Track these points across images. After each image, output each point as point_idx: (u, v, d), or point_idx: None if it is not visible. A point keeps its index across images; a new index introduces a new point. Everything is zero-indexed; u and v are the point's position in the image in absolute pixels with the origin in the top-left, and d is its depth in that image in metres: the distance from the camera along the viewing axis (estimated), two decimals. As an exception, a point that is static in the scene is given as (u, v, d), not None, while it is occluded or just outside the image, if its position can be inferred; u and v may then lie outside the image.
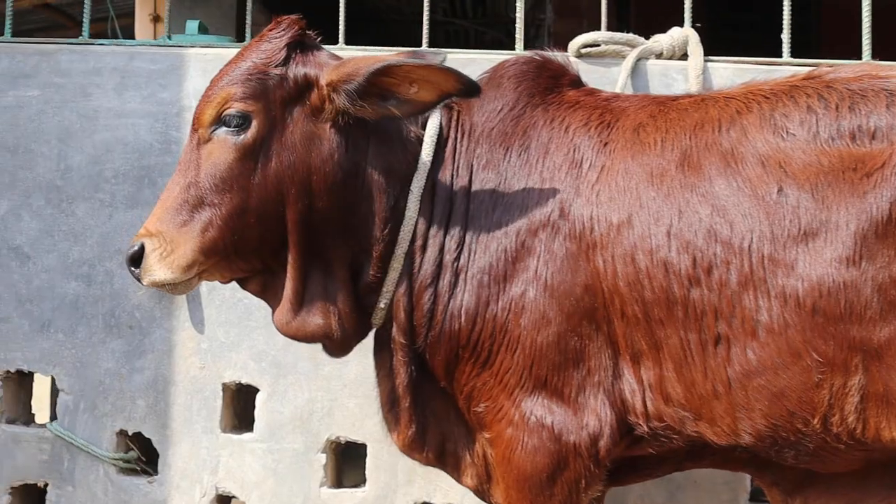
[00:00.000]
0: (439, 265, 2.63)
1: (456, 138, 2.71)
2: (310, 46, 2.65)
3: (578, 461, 2.54)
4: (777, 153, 2.40)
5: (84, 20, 3.59)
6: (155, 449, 3.43)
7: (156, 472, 3.43)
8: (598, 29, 3.51)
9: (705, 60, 3.34)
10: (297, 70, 2.58)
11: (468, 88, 2.54)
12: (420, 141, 2.69)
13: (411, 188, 2.65)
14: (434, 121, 2.72)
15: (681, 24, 3.43)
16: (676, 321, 2.41)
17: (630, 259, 2.45)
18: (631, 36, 3.38)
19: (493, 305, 2.56)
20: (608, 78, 3.33)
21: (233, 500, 3.47)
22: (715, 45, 3.51)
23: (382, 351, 2.79)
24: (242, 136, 2.52)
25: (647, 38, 3.42)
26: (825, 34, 6.55)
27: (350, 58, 2.63)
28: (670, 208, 2.44)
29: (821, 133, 2.38)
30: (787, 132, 2.41)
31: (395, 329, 2.71)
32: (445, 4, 8.59)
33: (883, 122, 2.33)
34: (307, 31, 2.65)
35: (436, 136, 2.69)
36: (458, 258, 2.61)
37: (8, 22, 3.62)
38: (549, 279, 2.52)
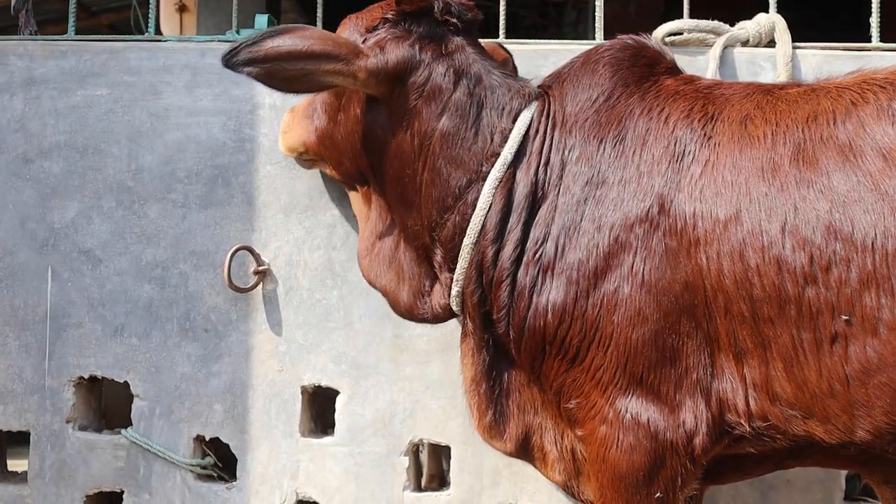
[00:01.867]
0: (517, 260, 2.58)
1: (546, 131, 2.66)
2: (403, 29, 2.72)
3: (675, 459, 2.49)
4: None
5: (150, 16, 3.50)
6: (232, 454, 3.36)
7: (233, 477, 3.36)
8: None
9: (793, 47, 3.25)
10: (373, 42, 2.71)
11: None
12: (504, 134, 2.66)
13: (486, 181, 2.62)
14: (526, 114, 2.68)
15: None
16: (788, 319, 2.34)
17: (738, 256, 2.38)
18: (716, 23, 3.29)
19: (583, 302, 2.51)
20: (693, 66, 3.23)
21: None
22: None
23: (465, 339, 2.81)
24: None
25: (732, 24, 3.33)
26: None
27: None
28: (784, 204, 2.36)
29: None
30: None
31: (466, 316, 2.74)
32: (473, -15, 8.46)
33: None
34: (409, 12, 2.72)
35: (523, 131, 2.65)
36: (541, 253, 2.56)
37: (71, 19, 3.53)
38: (646, 275, 2.46)
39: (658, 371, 2.47)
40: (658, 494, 2.50)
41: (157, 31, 3.55)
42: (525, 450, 2.79)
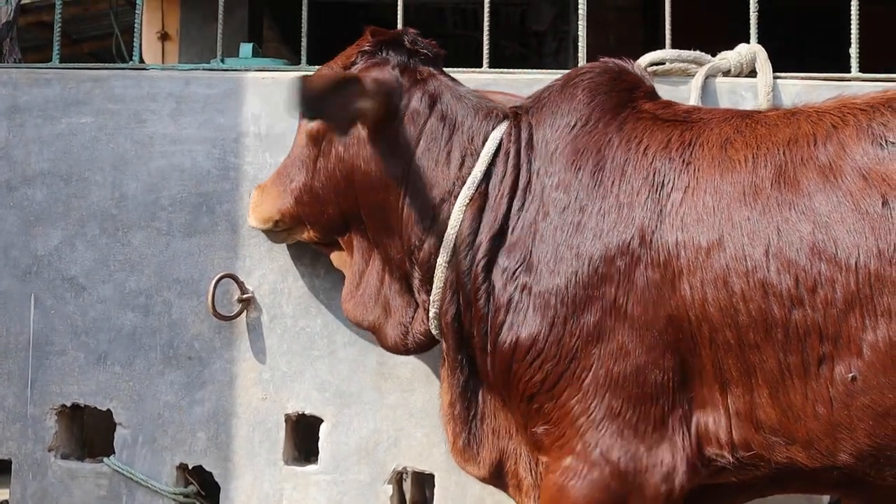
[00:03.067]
0: (489, 280, 2.57)
1: (520, 153, 2.66)
2: (377, 59, 2.80)
3: (639, 501, 2.43)
4: (878, 164, 2.32)
5: (134, 44, 3.51)
6: (215, 483, 3.35)
7: (216, 506, 3.35)
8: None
9: (774, 77, 3.28)
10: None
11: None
12: (474, 155, 2.69)
13: (456, 201, 2.65)
14: (496, 134, 2.71)
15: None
16: (775, 344, 2.33)
17: (722, 282, 2.36)
18: (698, 53, 3.32)
19: (560, 329, 2.48)
20: (675, 96, 3.24)
21: (296, 534, 3.38)
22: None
23: (443, 364, 2.82)
24: (311, 124, 2.84)
25: (713, 55, 3.36)
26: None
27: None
28: (767, 227, 2.35)
29: None
30: (886, 141, 2.33)
31: (442, 338, 2.75)
32: (456, 17, 8.50)
33: None
34: (383, 46, 2.82)
35: (492, 151, 2.68)
36: (517, 276, 2.54)
37: (56, 47, 3.54)
38: (629, 310, 2.43)
39: (638, 407, 2.43)
40: None
41: (141, 59, 3.56)
42: (499, 476, 2.77)
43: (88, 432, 3.58)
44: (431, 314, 2.74)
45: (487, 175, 2.66)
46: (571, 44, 6.98)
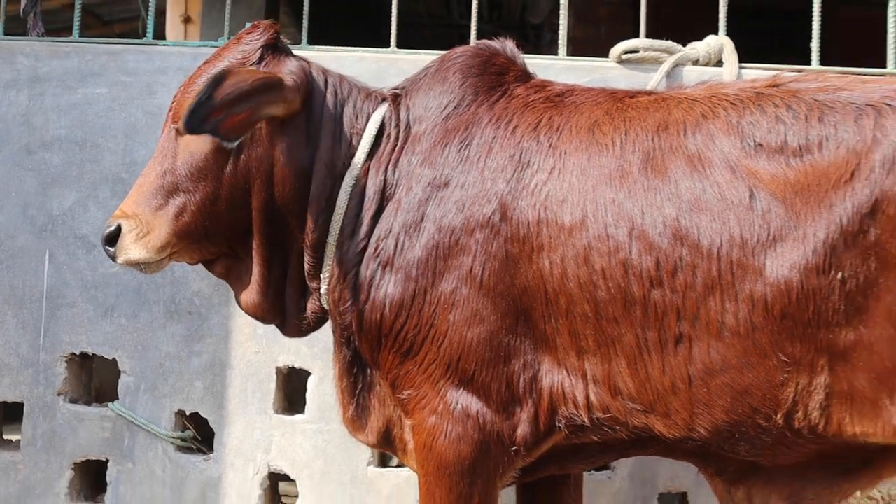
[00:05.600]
0: (361, 254, 2.68)
1: (398, 134, 2.76)
2: (281, 50, 2.80)
3: (500, 449, 2.58)
4: (746, 160, 2.40)
5: (148, 22, 3.78)
6: (210, 428, 3.63)
7: (211, 450, 3.62)
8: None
9: (739, 67, 3.51)
10: (268, 70, 2.73)
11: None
12: (359, 136, 2.78)
13: (343, 181, 2.74)
14: (376, 116, 2.79)
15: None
16: (633, 320, 2.43)
17: (583, 260, 2.46)
18: (669, 43, 3.55)
19: (420, 298, 2.59)
20: (646, 83, 3.49)
21: (284, 478, 3.67)
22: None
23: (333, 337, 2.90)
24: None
25: (685, 45, 3.59)
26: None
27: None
28: (632, 209, 2.44)
29: (789, 143, 2.37)
30: (754, 141, 2.41)
31: (330, 315, 2.83)
32: (462, 8, 8.73)
33: (850, 135, 2.31)
34: (280, 36, 2.82)
35: (374, 132, 2.76)
36: (382, 249, 2.64)
37: (76, 22, 3.81)
38: (484, 279, 2.54)
39: (491, 369, 2.56)
40: (480, 484, 2.60)
41: (157, 37, 3.81)
42: (388, 441, 2.87)
43: (100, 381, 3.86)
44: (322, 290, 2.80)
45: (371, 155, 2.75)
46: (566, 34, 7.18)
